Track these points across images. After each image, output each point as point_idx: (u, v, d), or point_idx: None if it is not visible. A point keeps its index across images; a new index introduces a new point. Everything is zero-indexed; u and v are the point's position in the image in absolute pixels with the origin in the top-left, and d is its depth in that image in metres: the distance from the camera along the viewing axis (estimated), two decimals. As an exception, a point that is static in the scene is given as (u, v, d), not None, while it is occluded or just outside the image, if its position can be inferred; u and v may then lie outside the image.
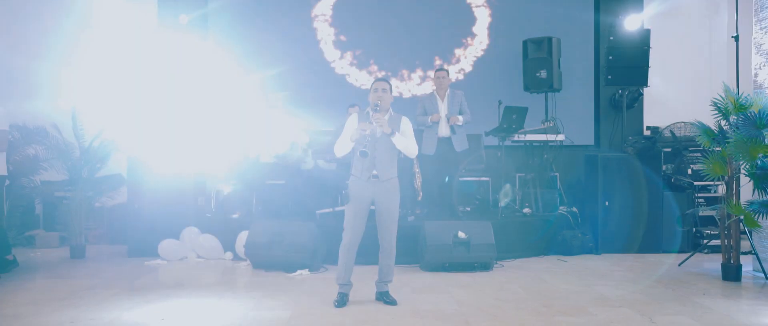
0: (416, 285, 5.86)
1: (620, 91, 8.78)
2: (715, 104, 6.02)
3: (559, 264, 6.91)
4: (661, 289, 5.65)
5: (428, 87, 9.26)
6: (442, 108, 7.47)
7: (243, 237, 7.02)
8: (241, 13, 9.28)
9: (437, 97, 7.54)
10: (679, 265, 6.72)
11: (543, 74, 8.56)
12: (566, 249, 7.43)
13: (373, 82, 5.19)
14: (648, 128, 9.04)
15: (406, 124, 5.18)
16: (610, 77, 7.78)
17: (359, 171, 5.06)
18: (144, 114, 8.55)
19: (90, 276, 6.34)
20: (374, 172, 5.03)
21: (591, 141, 9.41)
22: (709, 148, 6.14)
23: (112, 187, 7.94)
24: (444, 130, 7.42)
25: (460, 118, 7.40)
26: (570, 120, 8.59)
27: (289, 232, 6.58)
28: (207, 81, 8.79)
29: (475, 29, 9.44)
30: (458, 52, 9.45)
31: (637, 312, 4.84)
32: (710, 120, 6.31)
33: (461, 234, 6.52)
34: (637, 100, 8.98)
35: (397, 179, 5.16)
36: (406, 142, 5.07)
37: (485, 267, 6.54)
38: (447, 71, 7.60)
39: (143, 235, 7.44)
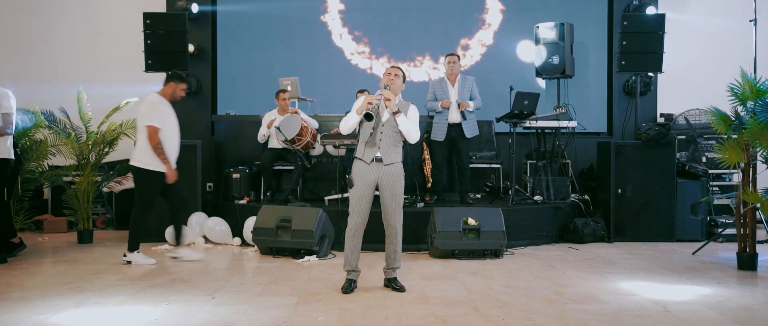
0: (425, 272, 5.79)
1: (633, 77, 8.63)
2: (731, 89, 5.88)
3: (570, 252, 6.81)
4: (674, 277, 5.55)
5: (438, 73, 9.15)
6: (453, 93, 7.37)
7: (250, 222, 6.96)
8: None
9: (448, 82, 7.44)
10: (693, 254, 6.61)
11: (555, 60, 8.44)
12: (578, 237, 7.33)
13: (389, 67, 5.15)
14: (661, 115, 8.91)
15: (414, 112, 5.09)
16: (623, 63, 7.63)
17: (363, 154, 4.98)
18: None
19: (97, 261, 6.31)
20: (378, 155, 4.95)
21: (603, 128, 9.29)
22: (726, 134, 5.99)
23: (120, 172, 7.88)
24: (454, 116, 7.33)
25: (471, 103, 7.31)
26: (582, 107, 8.47)
27: (296, 218, 6.52)
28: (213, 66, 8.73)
29: (486, 15, 9.31)
30: (469, 37, 9.33)
31: (651, 300, 4.74)
32: (726, 107, 6.17)
33: (471, 221, 6.44)
34: (648, 86, 8.84)
35: (401, 164, 5.08)
36: (409, 125, 4.98)
37: (495, 254, 6.46)
38: (458, 56, 7.49)
39: (151, 220, 7.38)
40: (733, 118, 5.87)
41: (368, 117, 4.78)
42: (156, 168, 6.04)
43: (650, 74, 8.66)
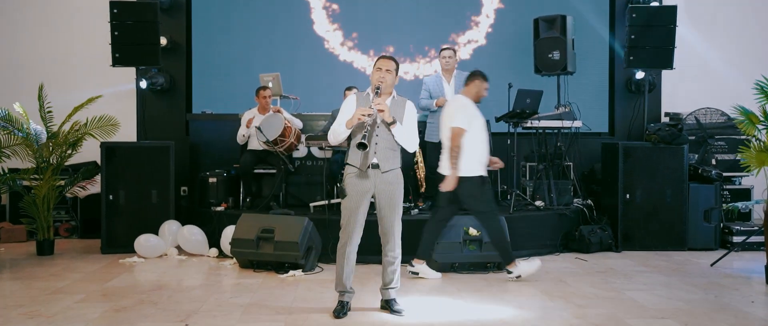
0: (424, 289, 5.21)
1: (639, 74, 8.13)
2: (759, 86, 5.38)
3: (578, 264, 6.28)
4: (700, 295, 5.02)
5: (430, 69, 8.58)
6: (449, 90, 6.82)
7: (229, 232, 6.33)
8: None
9: (443, 78, 6.88)
10: (712, 265, 6.10)
11: (556, 55, 7.90)
12: (584, 245, 6.80)
13: (377, 59, 4.50)
14: (666, 114, 8.41)
15: (411, 111, 4.50)
16: (631, 58, 7.11)
17: (357, 161, 4.38)
18: (120, 95, 7.82)
19: (56, 276, 5.64)
20: (374, 161, 4.36)
21: (604, 128, 8.77)
22: (753, 136, 5.49)
23: (85, 176, 7.20)
24: None
25: None
26: (581, 104, 7.89)
27: (279, 228, 5.90)
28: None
29: (482, 8, 8.74)
30: (465, 31, 8.76)
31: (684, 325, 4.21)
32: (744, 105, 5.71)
33: (473, 231, 5.87)
34: (652, 83, 8.34)
35: (400, 171, 4.49)
36: (408, 135, 4.40)
37: (498, 267, 5.89)
38: (454, 50, 6.93)
39: (119, 229, 6.78)
40: (762, 118, 5.36)
41: (361, 147, 4.19)
42: (469, 174, 5.36)
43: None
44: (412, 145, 4.45)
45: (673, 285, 5.38)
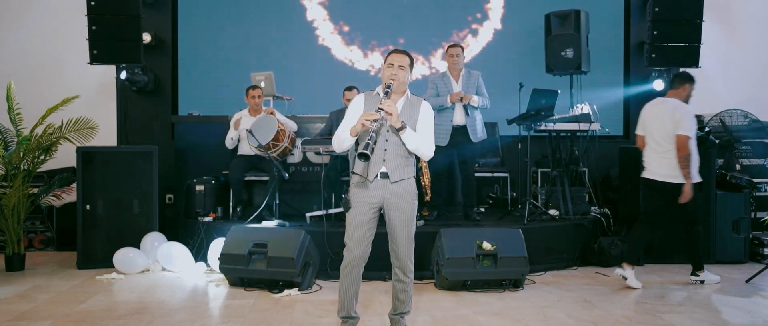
0: (436, 313, 4.65)
1: (657, 73, 7.62)
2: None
3: (600, 280, 5.74)
4: (748, 319, 4.48)
5: (432, 69, 8.06)
6: (457, 90, 6.29)
7: (217, 245, 5.76)
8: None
9: (451, 77, 6.35)
10: (747, 282, 5.58)
11: (569, 53, 7.37)
12: (604, 259, 6.26)
13: (389, 54, 3.93)
14: (685, 116, 7.87)
15: (426, 112, 3.92)
16: (654, 56, 6.58)
17: (363, 170, 3.82)
18: (99, 95, 7.23)
19: (23, 298, 5.04)
20: (383, 170, 3.80)
21: (619, 130, 8.24)
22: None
23: (61, 184, 6.61)
24: (459, 118, 6.25)
25: (476, 98, 6.26)
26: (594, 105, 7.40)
27: (273, 243, 5.33)
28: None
29: (489, 2, 8.21)
30: (470, 27, 8.22)
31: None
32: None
33: (486, 245, 5.31)
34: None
35: (413, 181, 3.93)
36: (420, 141, 3.82)
37: (515, 285, 5.36)
38: (461, 47, 6.39)
39: (96, 242, 6.20)
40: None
41: (363, 157, 3.62)
42: (695, 181, 5.32)
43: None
44: (428, 152, 3.89)
45: (712, 306, 4.85)
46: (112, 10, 6.40)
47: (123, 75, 6.67)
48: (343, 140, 3.82)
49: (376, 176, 3.80)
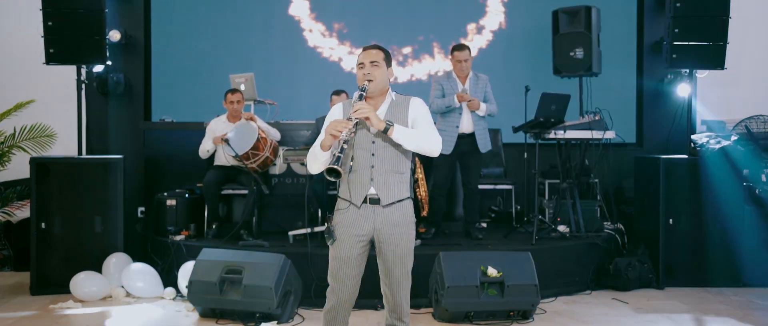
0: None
1: (673, 75, 7.00)
2: None
3: (619, 308, 5.11)
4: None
5: (427, 72, 7.43)
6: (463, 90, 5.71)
7: (188, 269, 5.10)
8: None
9: (457, 79, 5.74)
10: (785, 311, 4.96)
11: (579, 53, 6.74)
12: (621, 282, 5.63)
13: (361, 52, 3.27)
14: (704, 122, 7.24)
15: (418, 108, 3.23)
16: (674, 56, 5.94)
17: (348, 193, 3.16)
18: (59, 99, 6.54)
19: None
20: (371, 192, 3.14)
21: (631, 137, 7.60)
22: None
23: (15, 198, 5.94)
24: (466, 125, 5.65)
25: (483, 105, 5.66)
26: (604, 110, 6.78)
27: (249, 269, 4.68)
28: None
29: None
30: (471, 24, 7.56)
31: None
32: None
33: (492, 272, 4.67)
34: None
35: (410, 202, 3.26)
36: (419, 137, 3.13)
37: (523, 316, 4.72)
38: (469, 49, 5.77)
39: (52, 265, 5.54)
40: None
41: (333, 173, 2.94)
42: None
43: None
44: (435, 147, 3.17)
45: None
46: (70, 4, 5.70)
47: (83, 75, 5.99)
48: (316, 156, 3.14)
49: (364, 201, 3.14)
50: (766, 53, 7.41)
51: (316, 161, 3.13)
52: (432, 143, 3.16)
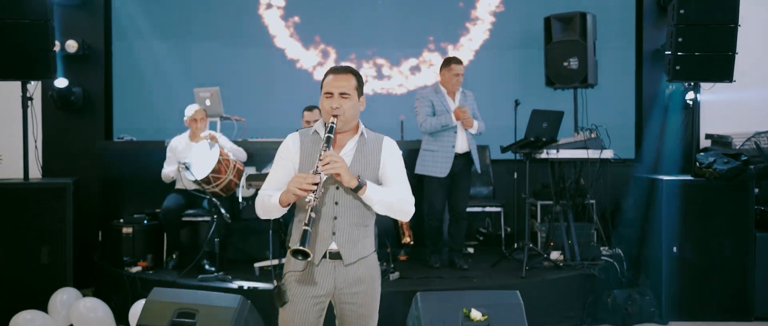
0: None
1: (674, 86, 6.52)
2: None
3: (618, 350, 4.61)
4: None
5: (414, 84, 6.94)
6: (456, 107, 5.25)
7: (138, 309, 4.59)
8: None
9: (446, 95, 5.26)
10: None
11: (573, 63, 6.27)
12: (620, 316, 5.15)
13: (325, 75, 2.75)
14: (709, 136, 6.76)
15: (391, 152, 2.74)
16: (678, 68, 5.46)
17: (304, 245, 2.63)
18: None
19: None
20: (332, 248, 2.63)
21: (630, 153, 7.10)
22: None
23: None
24: (462, 143, 5.20)
25: (476, 123, 5.20)
26: (600, 124, 6.29)
27: (204, 310, 4.17)
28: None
29: (477, 3, 7.06)
30: (456, 33, 7.07)
31: None
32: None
33: (475, 315, 4.15)
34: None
35: (375, 257, 2.77)
36: (392, 197, 2.65)
37: (511, 362, 4.21)
38: (461, 62, 5.32)
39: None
40: None
41: (299, 254, 2.45)
42: None
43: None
44: (408, 210, 2.70)
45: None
46: (14, 14, 5.18)
47: (30, 91, 5.48)
48: (269, 207, 2.63)
49: (323, 256, 2.63)
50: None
51: (270, 213, 2.64)
52: (405, 207, 2.68)
